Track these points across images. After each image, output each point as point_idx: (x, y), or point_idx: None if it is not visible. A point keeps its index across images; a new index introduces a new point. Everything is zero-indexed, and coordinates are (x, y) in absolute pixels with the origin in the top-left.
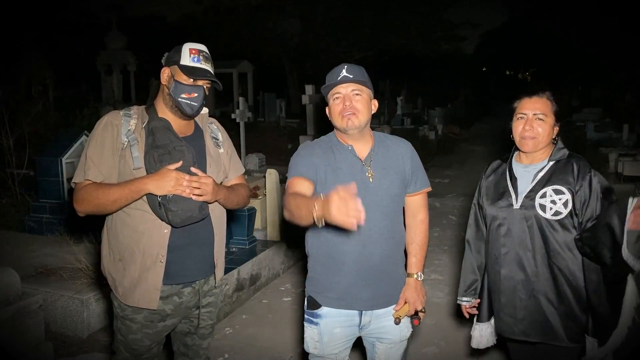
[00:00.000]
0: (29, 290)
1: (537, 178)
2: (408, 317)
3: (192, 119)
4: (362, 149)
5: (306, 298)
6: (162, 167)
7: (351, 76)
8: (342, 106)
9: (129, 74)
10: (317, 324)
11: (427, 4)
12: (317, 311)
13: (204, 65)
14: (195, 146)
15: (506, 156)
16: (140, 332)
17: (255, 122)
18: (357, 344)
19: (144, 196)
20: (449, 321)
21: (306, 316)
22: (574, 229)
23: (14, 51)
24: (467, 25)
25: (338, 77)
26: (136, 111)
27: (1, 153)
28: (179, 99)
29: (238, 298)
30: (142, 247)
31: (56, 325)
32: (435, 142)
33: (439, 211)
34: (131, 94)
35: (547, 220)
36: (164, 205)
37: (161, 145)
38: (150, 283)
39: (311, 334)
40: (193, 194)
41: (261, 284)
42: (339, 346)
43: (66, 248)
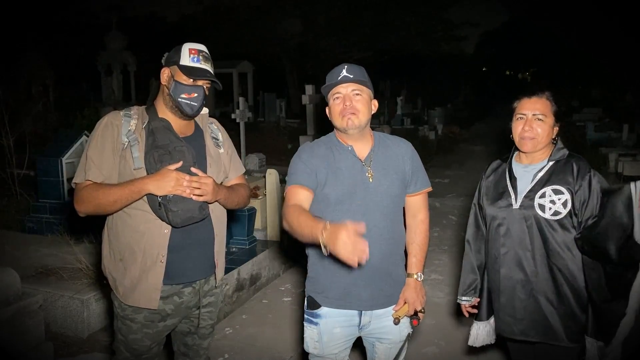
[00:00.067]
0: (29, 290)
1: (537, 178)
2: (408, 318)
3: (192, 119)
4: (362, 149)
5: (306, 298)
6: (163, 168)
7: (351, 76)
8: (342, 106)
9: (129, 74)
10: (317, 324)
11: (427, 4)
12: (317, 311)
13: (204, 65)
14: (195, 146)
15: (506, 156)
16: (140, 332)
17: (255, 122)
18: (357, 344)
19: (145, 196)
20: (449, 321)
21: (306, 316)
22: (574, 229)
23: (14, 51)
24: (467, 25)
25: (338, 77)
26: (136, 111)
27: (1, 153)
28: (179, 99)
29: (238, 298)
30: (143, 247)
31: (56, 325)
32: (435, 142)
33: (439, 211)
34: (131, 94)
35: (547, 220)
36: (164, 205)
37: (161, 145)
38: (150, 283)
39: (311, 334)
40: (193, 194)
41: (261, 284)
42: (339, 346)
43: (66, 248)
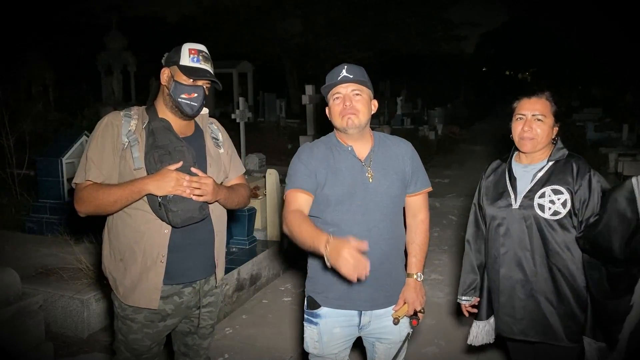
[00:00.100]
0: (29, 290)
1: (536, 178)
2: (407, 318)
3: (192, 119)
4: (362, 150)
5: (306, 298)
6: (163, 168)
7: (351, 76)
8: (342, 106)
9: (129, 74)
10: (317, 324)
11: (427, 4)
12: (317, 311)
13: (204, 65)
14: (195, 146)
15: (506, 156)
16: (140, 332)
17: (255, 122)
18: (357, 344)
19: (145, 196)
20: (449, 321)
21: (306, 316)
22: (573, 229)
23: (14, 51)
24: (467, 25)
25: (338, 77)
26: (136, 112)
27: (1, 153)
28: (179, 99)
29: (238, 298)
30: (143, 247)
31: (56, 325)
32: (435, 142)
33: (439, 211)
34: (131, 94)
35: (546, 220)
36: (164, 205)
37: (161, 145)
38: (150, 283)
39: (311, 334)
40: (193, 195)
41: (261, 284)
42: (339, 346)
43: (66, 248)
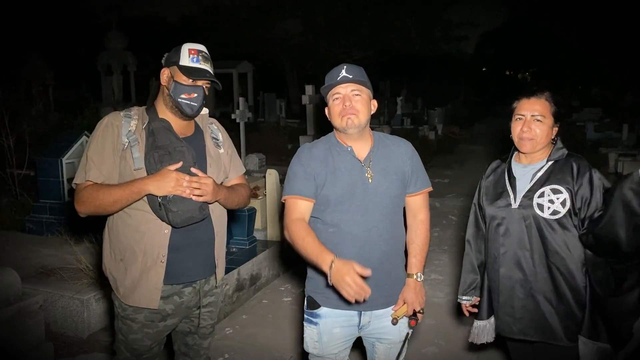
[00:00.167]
0: (30, 290)
1: (536, 178)
2: (407, 318)
3: (192, 120)
4: (362, 150)
5: (306, 298)
6: (163, 168)
7: (351, 76)
8: (342, 106)
9: (129, 75)
10: (317, 324)
11: (427, 4)
12: (317, 311)
13: (204, 65)
14: (195, 147)
15: (505, 156)
16: (141, 332)
17: (255, 122)
18: (357, 344)
19: (145, 197)
20: (449, 321)
21: (306, 316)
22: (573, 228)
23: (14, 51)
24: (467, 25)
25: (337, 78)
26: (136, 112)
27: (1, 153)
28: (179, 100)
29: (238, 298)
30: (143, 247)
31: (56, 325)
32: (435, 142)
33: (439, 211)
34: (131, 95)
35: (545, 219)
36: (164, 205)
37: (161, 145)
38: (151, 283)
39: (311, 334)
40: (193, 195)
41: (261, 284)
42: (339, 346)
43: (66, 248)
